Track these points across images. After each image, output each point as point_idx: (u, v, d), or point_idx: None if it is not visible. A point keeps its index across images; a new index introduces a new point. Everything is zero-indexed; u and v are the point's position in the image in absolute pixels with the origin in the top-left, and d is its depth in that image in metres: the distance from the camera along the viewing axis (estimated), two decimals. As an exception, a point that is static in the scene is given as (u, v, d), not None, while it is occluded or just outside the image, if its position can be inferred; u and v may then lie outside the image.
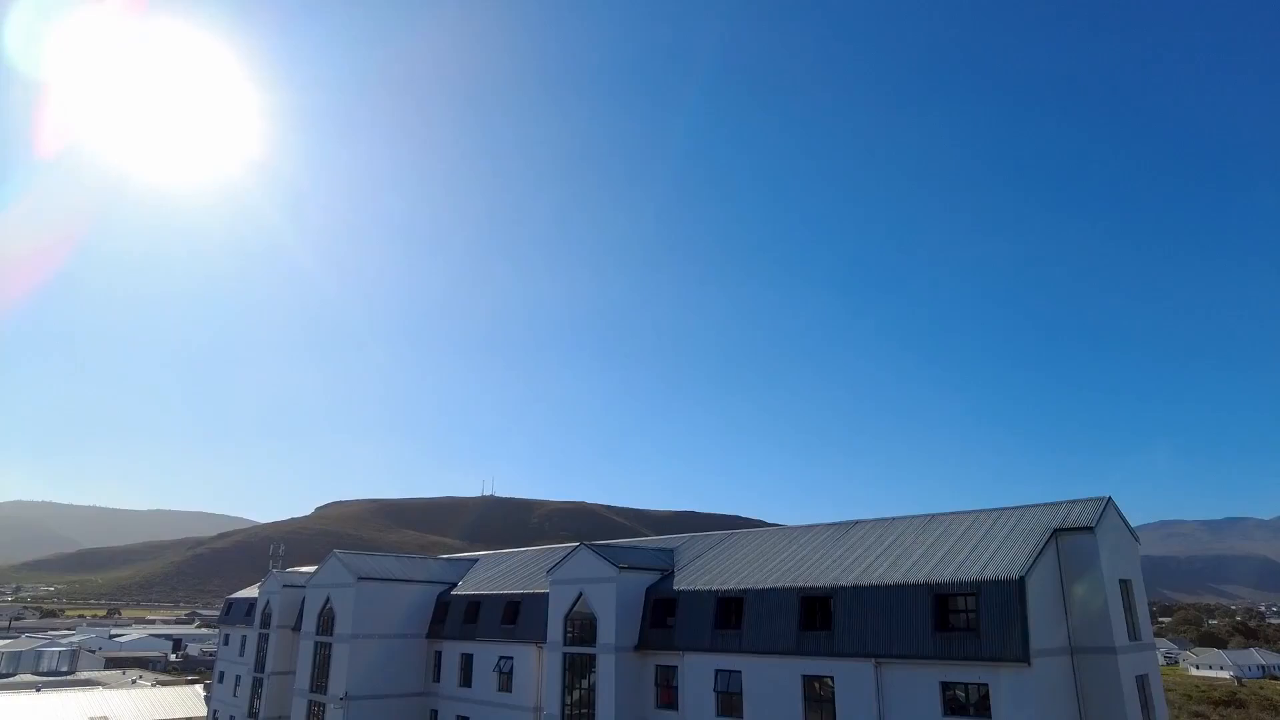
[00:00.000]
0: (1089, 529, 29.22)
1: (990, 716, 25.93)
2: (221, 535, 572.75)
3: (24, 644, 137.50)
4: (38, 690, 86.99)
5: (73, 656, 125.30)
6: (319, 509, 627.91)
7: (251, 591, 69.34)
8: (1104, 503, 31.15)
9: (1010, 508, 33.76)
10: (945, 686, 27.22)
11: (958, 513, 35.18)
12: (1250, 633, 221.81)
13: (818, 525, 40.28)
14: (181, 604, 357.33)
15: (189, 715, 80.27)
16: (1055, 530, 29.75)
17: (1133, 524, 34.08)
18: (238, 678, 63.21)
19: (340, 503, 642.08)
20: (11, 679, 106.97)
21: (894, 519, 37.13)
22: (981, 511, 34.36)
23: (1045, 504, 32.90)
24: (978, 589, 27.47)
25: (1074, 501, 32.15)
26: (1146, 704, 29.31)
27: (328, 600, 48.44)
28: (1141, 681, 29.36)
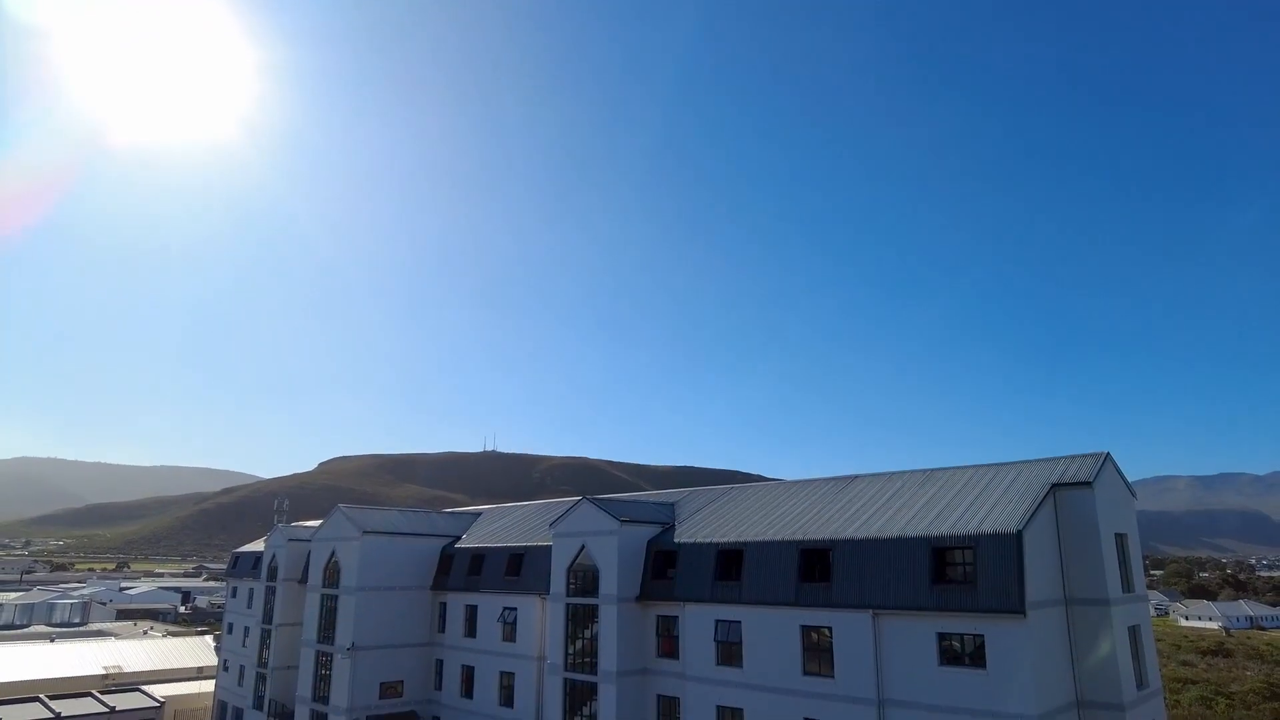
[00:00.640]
0: (1087, 484, 29.48)
1: (985, 666, 26.48)
2: (226, 491, 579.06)
3: (36, 597, 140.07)
4: (51, 641, 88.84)
5: (84, 609, 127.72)
6: (322, 464, 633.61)
7: (257, 546, 70.34)
8: (1102, 458, 31.38)
9: (1009, 463, 34.02)
10: (942, 637, 27.74)
11: (957, 468, 35.48)
12: (1239, 585, 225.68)
13: (817, 480, 40.66)
14: (189, 558, 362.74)
15: (200, 665, 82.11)
16: (1054, 485, 30.03)
17: (1132, 479, 34.40)
18: (246, 629, 64.49)
19: (343, 458, 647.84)
20: (25, 630, 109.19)
21: (893, 474, 37.46)
22: (981, 466, 34.64)
23: (1044, 459, 33.16)
24: (975, 543, 27.84)
25: (1073, 457, 32.39)
26: (1137, 653, 29.93)
27: (333, 554, 49.16)
28: (1133, 632, 29.94)
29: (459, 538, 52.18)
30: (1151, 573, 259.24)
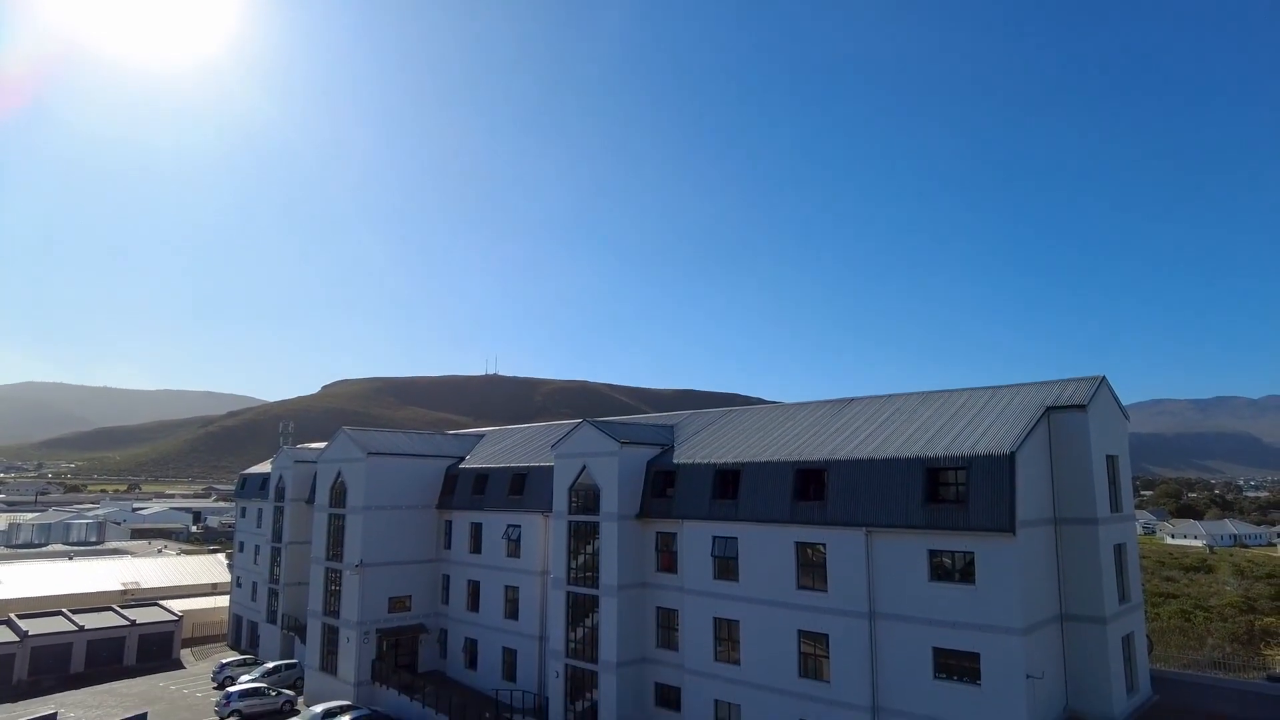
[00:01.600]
0: (1081, 407, 29.85)
1: (974, 582, 27.38)
2: (231, 414, 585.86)
3: (52, 517, 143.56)
4: (70, 559, 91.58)
5: (100, 528, 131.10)
6: (325, 387, 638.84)
7: (264, 467, 71.67)
8: (1097, 382, 31.67)
9: (1006, 386, 34.36)
10: (933, 554, 28.60)
11: (953, 390, 35.85)
12: (1226, 505, 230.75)
13: (815, 402, 41.13)
14: (197, 479, 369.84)
15: (214, 581, 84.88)
16: (1048, 408, 30.42)
17: (1125, 402, 34.82)
18: (257, 547, 66.39)
19: (346, 381, 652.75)
20: (44, 549, 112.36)
21: (890, 396, 37.87)
22: (977, 389, 34.99)
23: (1040, 382, 33.46)
24: (969, 463, 28.38)
25: (1068, 380, 32.68)
26: (1121, 570, 30.92)
27: (339, 475, 50.16)
28: (1119, 550, 30.85)
29: (462, 459, 53.14)
30: (1142, 493, 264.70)
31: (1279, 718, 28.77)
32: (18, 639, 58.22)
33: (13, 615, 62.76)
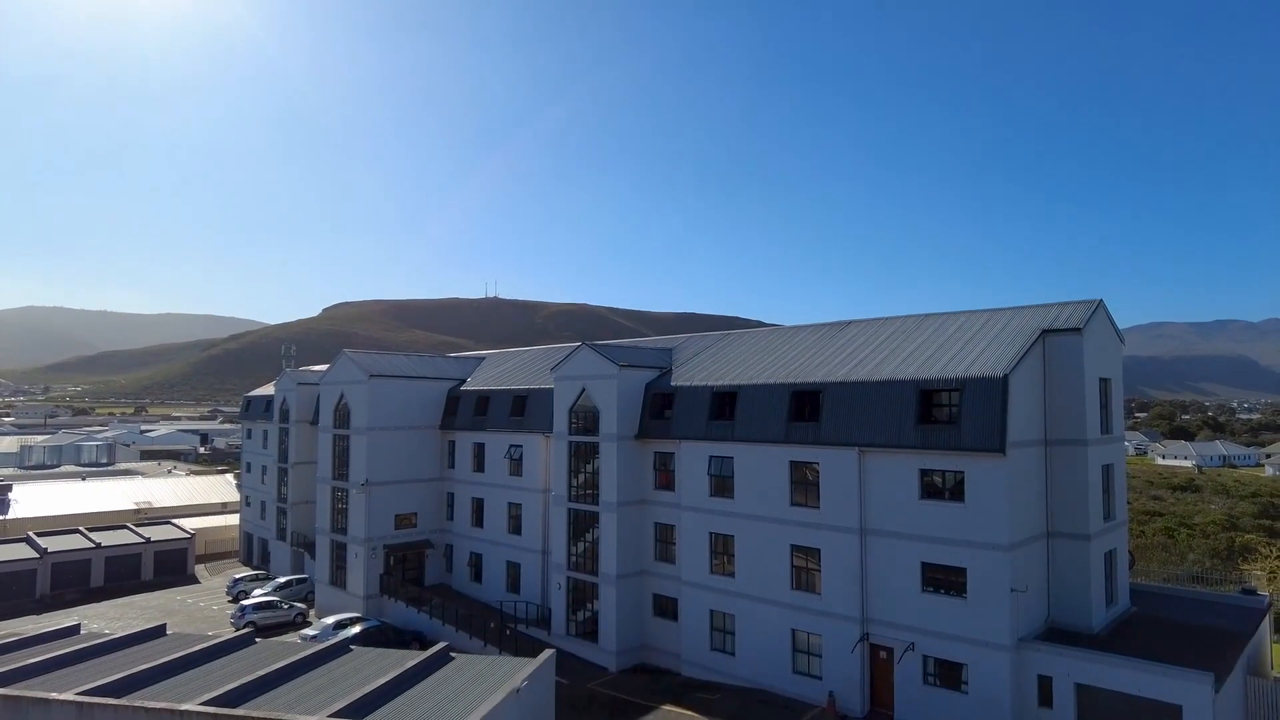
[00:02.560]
0: (1076, 330, 30.03)
1: (963, 499, 28.16)
2: (233, 337, 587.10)
3: (62, 439, 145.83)
4: (83, 480, 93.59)
5: (110, 450, 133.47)
6: (326, 310, 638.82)
7: (268, 390, 72.49)
8: (1094, 305, 31.74)
9: (1002, 309, 34.45)
10: (924, 473, 29.31)
11: (950, 313, 35.97)
12: (1218, 427, 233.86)
13: (812, 325, 41.33)
14: (203, 402, 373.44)
15: (224, 500, 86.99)
16: (1044, 331, 30.59)
17: (1125, 326, 34.98)
18: (264, 468, 67.79)
19: (347, 304, 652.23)
20: (57, 470, 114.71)
21: (887, 319, 38.02)
22: (974, 312, 35.11)
23: (1037, 305, 33.53)
24: (962, 385, 28.77)
25: (1065, 304, 32.75)
26: (1108, 489, 31.70)
27: (342, 397, 50.82)
28: (1106, 470, 31.55)
29: (464, 381, 53.75)
30: (1136, 415, 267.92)
31: (1249, 627, 30.01)
32: (38, 556, 60.15)
33: (31, 533, 64.67)
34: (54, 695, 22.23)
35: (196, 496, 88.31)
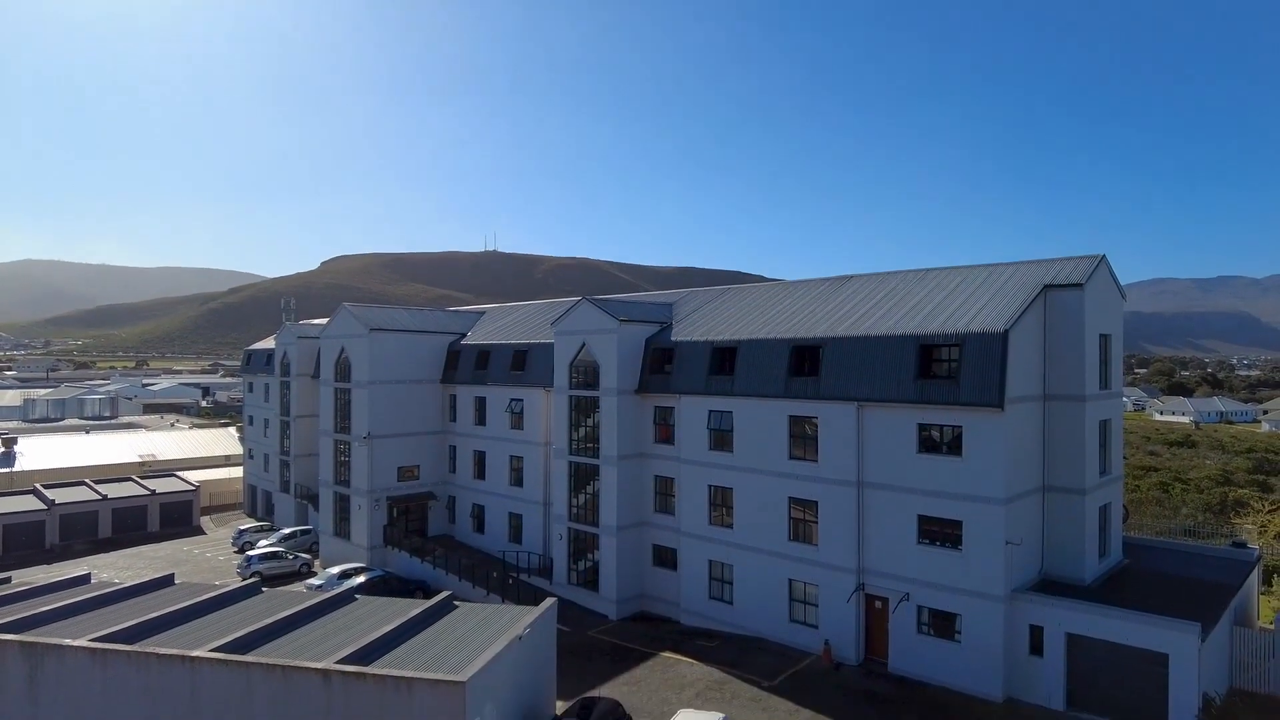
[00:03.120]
0: (1078, 286, 29.91)
1: (961, 454, 28.40)
2: (232, 290, 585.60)
3: (65, 393, 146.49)
4: (87, 433, 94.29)
5: (113, 403, 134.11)
6: (325, 263, 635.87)
7: (268, 343, 72.54)
8: (1096, 261, 31.56)
9: (1004, 264, 34.28)
10: (922, 428, 29.51)
11: (952, 268, 35.80)
12: (1217, 383, 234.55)
13: (813, 280, 41.17)
14: (203, 356, 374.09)
15: (227, 453, 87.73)
16: (1045, 286, 30.49)
17: (1127, 282, 34.86)
18: (266, 421, 68.21)
19: (345, 256, 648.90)
20: (61, 423, 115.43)
21: (888, 273, 37.85)
22: (976, 267, 34.93)
23: (1039, 260, 33.36)
24: (962, 340, 28.79)
25: (1067, 259, 32.57)
26: (1105, 444, 31.94)
27: (342, 350, 50.89)
28: (1104, 425, 31.75)
29: (464, 335, 53.78)
30: (1136, 371, 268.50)
31: (1238, 580, 30.54)
32: (46, 507, 60.94)
33: (38, 485, 65.43)
34: (68, 642, 22.74)
35: (200, 450, 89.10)
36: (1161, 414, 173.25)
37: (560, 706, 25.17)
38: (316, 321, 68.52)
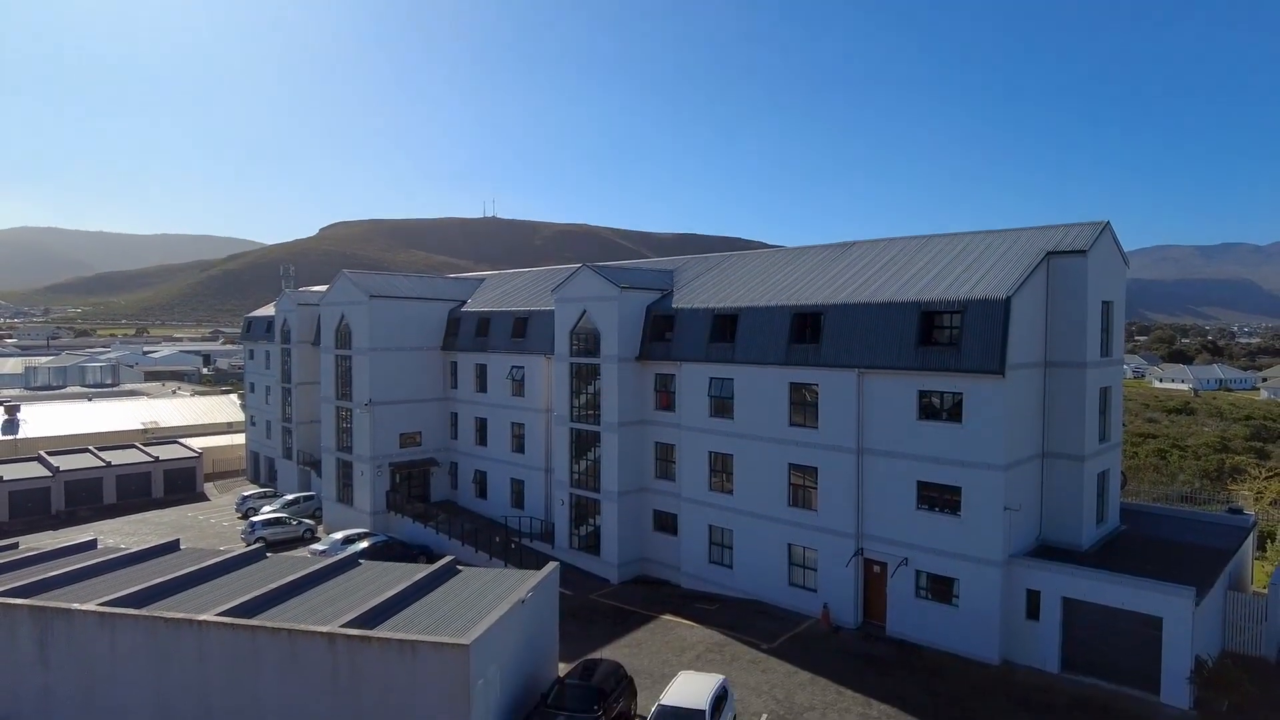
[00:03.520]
0: (1081, 253, 29.73)
1: (961, 420, 28.48)
2: (231, 257, 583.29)
3: (66, 360, 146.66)
4: (89, 400, 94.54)
5: (114, 371, 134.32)
6: (323, 230, 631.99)
7: (268, 310, 72.39)
8: (1100, 227, 31.33)
9: (1007, 230, 34.04)
10: (922, 394, 29.55)
11: (954, 234, 35.56)
12: (1217, 350, 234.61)
13: (815, 246, 40.94)
14: (203, 323, 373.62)
15: (229, 420, 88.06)
16: (1048, 253, 30.31)
17: (1130, 249, 34.72)
18: (267, 388, 68.35)
19: (344, 223, 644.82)
20: (63, 391, 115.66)
21: (891, 240, 37.61)
22: (978, 233, 34.70)
23: (1043, 227, 33.12)
24: (964, 307, 28.70)
25: (1070, 225, 32.33)
26: (1105, 411, 32.00)
27: (342, 317, 50.80)
28: (1104, 392, 31.79)
29: (464, 302, 53.65)
30: (1136, 338, 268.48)
31: (1233, 545, 30.83)
32: (50, 474, 61.33)
33: (42, 452, 65.77)
34: (76, 606, 23.03)
35: (202, 417, 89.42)
36: (1161, 381, 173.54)
37: (563, 669, 25.57)
38: (316, 289, 68.31)
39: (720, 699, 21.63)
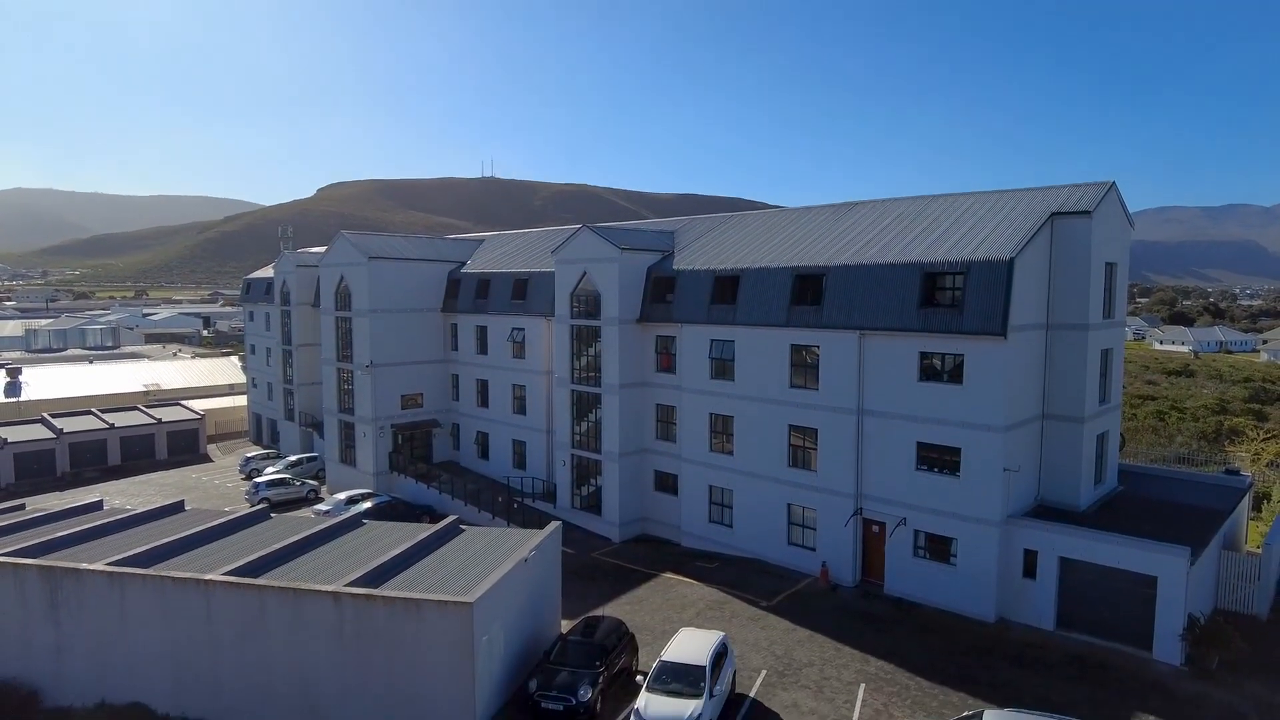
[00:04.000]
0: (1086, 213, 29.46)
1: (961, 382, 28.51)
2: (229, 219, 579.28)
3: (66, 323, 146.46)
4: (90, 363, 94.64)
5: (114, 333, 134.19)
6: (321, 190, 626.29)
7: (267, 272, 72.06)
8: (1106, 188, 31.00)
9: (1012, 190, 33.67)
10: (923, 356, 29.54)
11: (958, 194, 35.21)
12: (1219, 313, 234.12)
13: (818, 207, 40.57)
14: (202, 285, 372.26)
15: (231, 382, 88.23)
16: (1053, 214, 30.03)
17: (1135, 209, 34.35)
18: (268, 350, 68.36)
19: (341, 184, 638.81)
20: (63, 353, 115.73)
21: (894, 200, 37.27)
22: (983, 193, 34.35)
23: (1048, 187, 32.76)
24: (967, 269, 28.53)
25: (1076, 185, 31.98)
26: (1105, 373, 32.03)
27: (342, 279, 50.58)
28: (1105, 354, 31.77)
29: (464, 263, 53.36)
30: (1137, 300, 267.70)
31: (1229, 506, 31.09)
32: (55, 436, 61.66)
33: (45, 414, 66.04)
34: (85, 566, 23.32)
35: (203, 379, 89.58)
36: (1161, 343, 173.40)
37: (566, 626, 25.99)
38: (315, 250, 67.89)
39: (720, 655, 21.99)
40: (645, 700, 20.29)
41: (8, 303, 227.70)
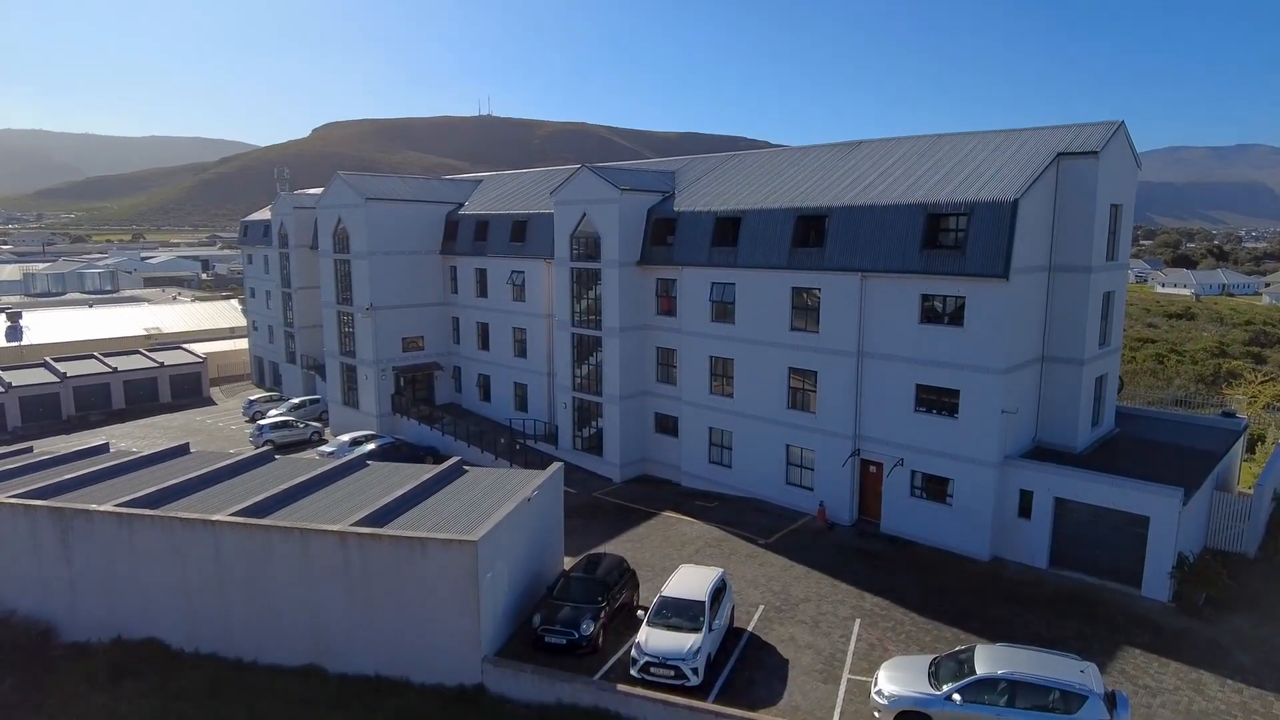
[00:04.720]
0: (1093, 154, 28.96)
1: (962, 324, 28.48)
2: (224, 160, 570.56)
3: (64, 267, 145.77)
4: (90, 307, 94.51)
5: (113, 277, 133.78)
6: (316, 130, 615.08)
7: (264, 214, 71.30)
8: (1114, 128, 30.40)
9: (1019, 130, 33.05)
10: (925, 298, 29.43)
11: (964, 134, 34.56)
12: (1222, 255, 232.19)
13: (821, 146, 39.90)
14: (200, 228, 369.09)
15: (231, 325, 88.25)
16: (1059, 154, 29.54)
17: (1145, 149, 33.68)
18: (268, 293, 68.14)
19: (337, 124, 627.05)
20: (62, 297, 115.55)
21: (899, 139, 36.62)
22: (989, 133, 33.73)
23: (1055, 127, 32.14)
24: (971, 210, 28.21)
25: (1084, 125, 31.36)
26: (1107, 315, 31.95)
27: (339, 220, 50.09)
28: (1107, 297, 31.63)
29: (462, 205, 52.76)
30: (1141, 242, 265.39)
31: (1223, 447, 31.39)
32: (58, 379, 61.95)
33: (48, 358, 66.23)
34: (94, 507, 23.70)
35: (204, 322, 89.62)
36: (1163, 286, 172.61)
37: (568, 562, 26.55)
38: (312, 191, 67.08)
39: (719, 591, 22.50)
40: (646, 634, 20.85)
41: (4, 246, 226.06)
